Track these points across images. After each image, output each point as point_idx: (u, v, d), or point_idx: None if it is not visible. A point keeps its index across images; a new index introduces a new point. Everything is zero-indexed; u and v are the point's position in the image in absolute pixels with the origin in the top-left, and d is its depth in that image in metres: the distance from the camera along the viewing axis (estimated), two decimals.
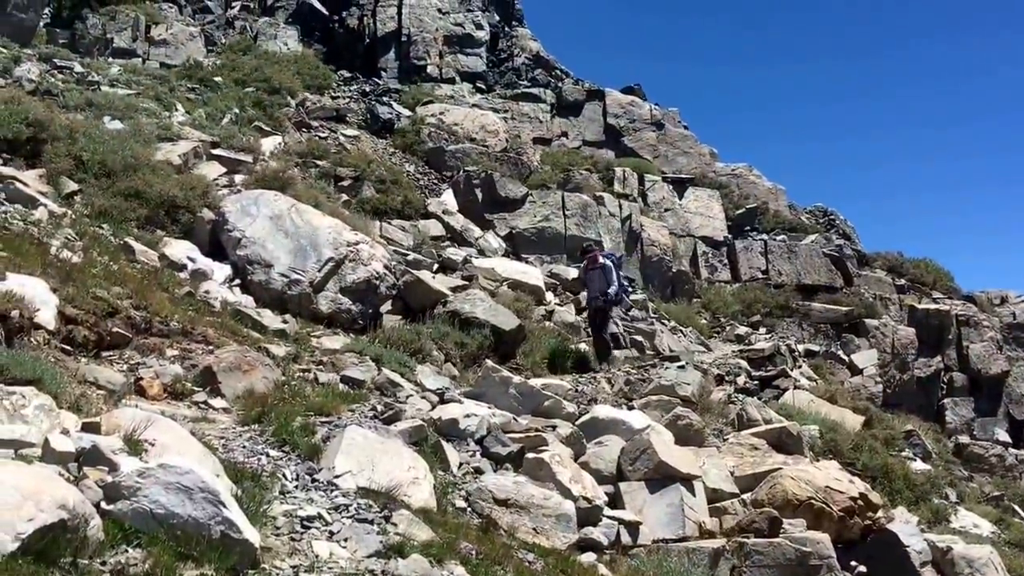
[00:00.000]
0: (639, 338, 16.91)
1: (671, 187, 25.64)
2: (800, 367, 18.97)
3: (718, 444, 11.75)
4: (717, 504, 9.88)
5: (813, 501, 9.89)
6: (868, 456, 14.19)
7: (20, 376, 6.71)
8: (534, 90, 28.20)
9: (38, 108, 14.71)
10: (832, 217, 29.33)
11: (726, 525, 9.64)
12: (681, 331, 19.49)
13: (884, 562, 9.96)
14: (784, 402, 15.48)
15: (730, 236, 25.57)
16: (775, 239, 25.68)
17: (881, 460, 14.34)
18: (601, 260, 15.14)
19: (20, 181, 12.60)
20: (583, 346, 15.54)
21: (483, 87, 28.15)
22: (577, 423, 10.60)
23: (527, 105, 27.67)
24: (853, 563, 9.78)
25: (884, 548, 10.09)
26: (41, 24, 22.17)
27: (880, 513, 10.57)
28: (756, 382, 16.34)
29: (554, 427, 10.14)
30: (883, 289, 25.82)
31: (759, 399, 15.05)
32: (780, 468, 10.43)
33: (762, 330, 21.84)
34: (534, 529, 7.93)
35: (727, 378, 15.96)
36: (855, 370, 21.98)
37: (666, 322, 19.43)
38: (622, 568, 8.07)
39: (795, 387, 16.50)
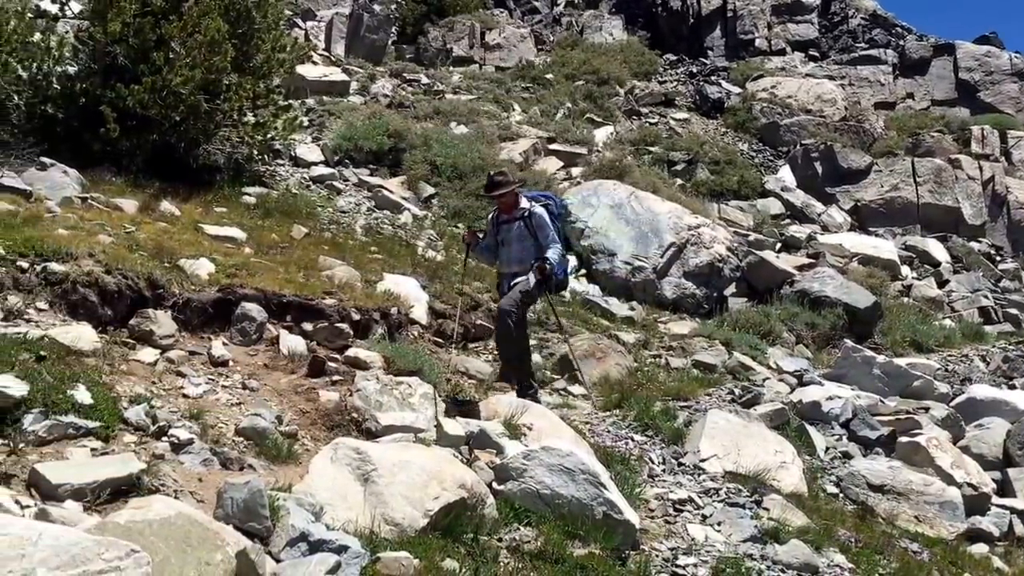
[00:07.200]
0: (1014, 311, 15.33)
1: None
2: None
3: None
4: None
5: None
6: None
7: (404, 367, 7.31)
8: (873, 52, 26.39)
9: (395, 120, 16.07)
10: None
11: None
12: None
13: None
14: None
15: None
16: None
17: None
18: (525, 204, 7.92)
19: (386, 188, 13.83)
20: (948, 322, 14.33)
21: (816, 55, 26.79)
22: (952, 404, 9.87)
23: (866, 68, 25.98)
24: None
25: None
26: (390, 42, 24.10)
27: None
28: None
29: (926, 409, 9.51)
30: None
31: None
32: None
33: None
34: (915, 517, 7.44)
35: None
36: None
37: None
38: (1019, 562, 7.35)
39: None
